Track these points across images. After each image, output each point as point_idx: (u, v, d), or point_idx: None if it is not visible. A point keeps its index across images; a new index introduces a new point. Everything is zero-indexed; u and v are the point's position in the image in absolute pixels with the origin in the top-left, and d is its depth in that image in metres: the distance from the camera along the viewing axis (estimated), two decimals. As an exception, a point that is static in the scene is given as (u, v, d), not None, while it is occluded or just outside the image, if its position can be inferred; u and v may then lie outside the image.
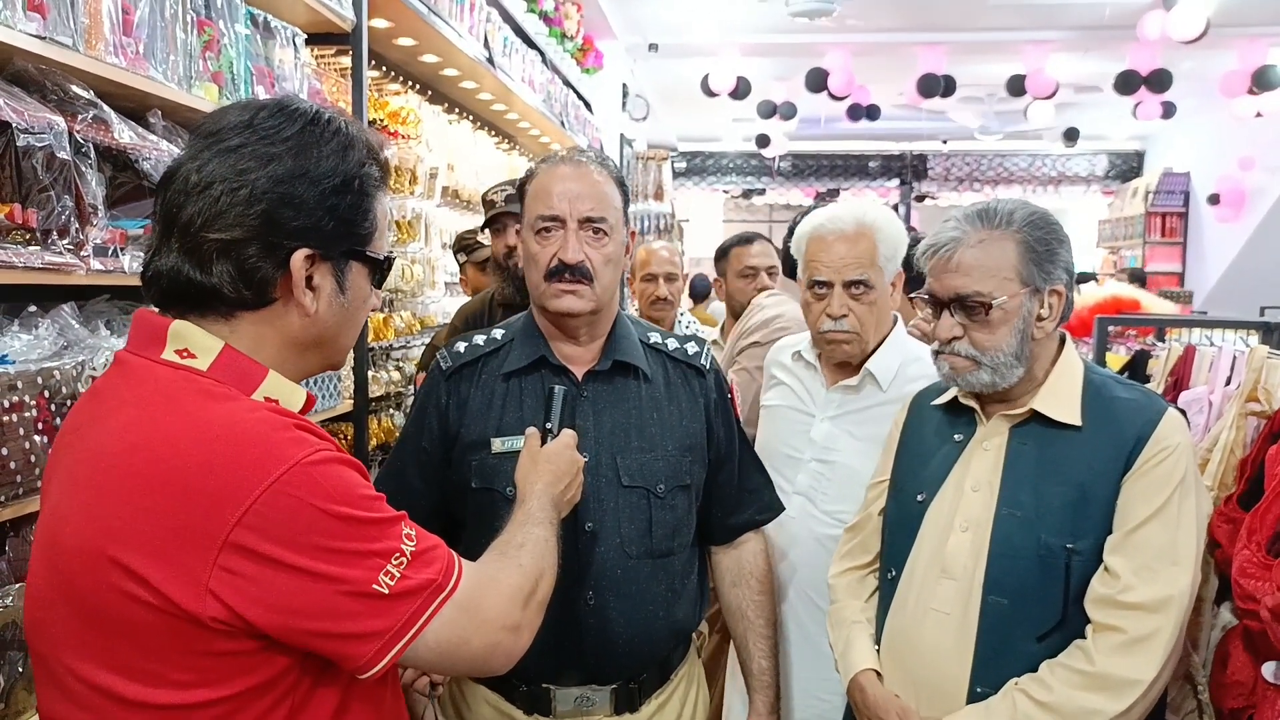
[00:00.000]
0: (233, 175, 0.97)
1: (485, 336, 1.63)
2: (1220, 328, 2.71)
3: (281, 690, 0.95)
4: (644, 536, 1.54)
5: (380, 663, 0.95)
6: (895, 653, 1.54)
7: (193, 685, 0.92)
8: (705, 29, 7.30)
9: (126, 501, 0.91)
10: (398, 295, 3.46)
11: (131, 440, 0.94)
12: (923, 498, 1.54)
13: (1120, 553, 1.36)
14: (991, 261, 1.44)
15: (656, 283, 3.33)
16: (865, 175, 12.61)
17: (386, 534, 0.96)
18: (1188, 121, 9.64)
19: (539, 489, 1.26)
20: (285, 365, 1.03)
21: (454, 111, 4.12)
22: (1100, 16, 6.88)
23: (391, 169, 1.12)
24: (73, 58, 1.50)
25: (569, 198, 1.52)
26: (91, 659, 0.93)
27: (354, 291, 1.06)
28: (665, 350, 1.65)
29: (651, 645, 1.56)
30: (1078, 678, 1.34)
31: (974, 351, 1.46)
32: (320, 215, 1.00)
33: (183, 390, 0.96)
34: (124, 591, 0.90)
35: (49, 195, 1.44)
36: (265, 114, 1.01)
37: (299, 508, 0.90)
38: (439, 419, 1.58)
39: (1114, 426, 1.42)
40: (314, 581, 0.91)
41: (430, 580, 0.97)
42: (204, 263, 0.97)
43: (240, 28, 2.03)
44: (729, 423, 1.68)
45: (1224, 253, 9.79)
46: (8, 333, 1.41)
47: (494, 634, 1.02)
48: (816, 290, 1.84)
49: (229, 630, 0.90)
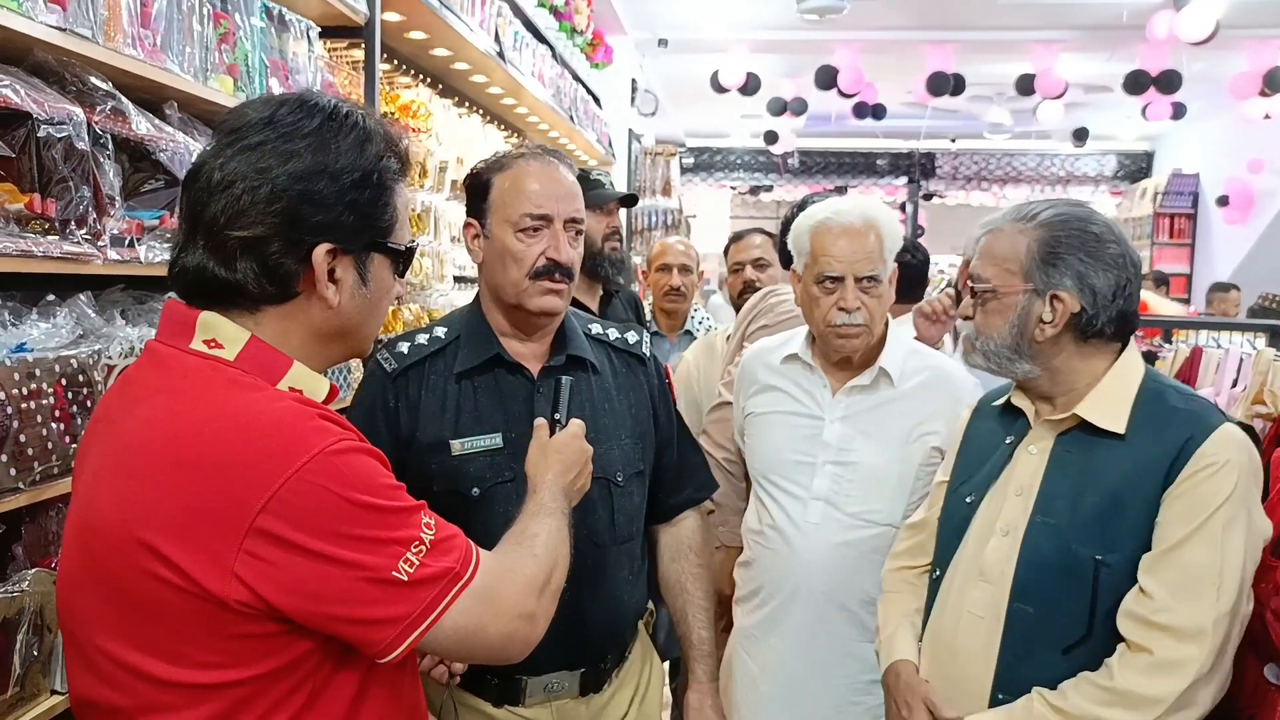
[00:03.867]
0: (254, 173, 0.99)
1: (428, 335, 1.62)
2: (1227, 330, 2.71)
3: (303, 673, 0.98)
4: (609, 526, 1.59)
5: (399, 648, 0.97)
6: (932, 652, 1.55)
7: (216, 666, 0.94)
8: (715, 25, 7.30)
9: (155, 486, 0.93)
10: (406, 288, 3.47)
11: (161, 427, 0.96)
12: (971, 499, 1.55)
13: (1154, 573, 1.33)
14: (1001, 252, 1.46)
15: (671, 273, 3.33)
16: (873, 173, 12.59)
17: (407, 522, 0.99)
18: (1197, 123, 9.61)
19: (549, 479, 1.28)
20: (311, 356, 1.06)
21: (464, 105, 4.12)
22: (1109, 16, 6.86)
23: (410, 160, 1.13)
24: (92, 49, 1.52)
25: (557, 198, 1.54)
26: (120, 638, 0.96)
27: (376, 283, 1.08)
28: (607, 340, 1.69)
29: (618, 628, 1.64)
30: (1097, 691, 1.33)
31: (972, 333, 1.51)
32: (340, 210, 1.01)
33: (210, 379, 0.98)
34: (151, 573, 0.92)
35: (67, 185, 1.46)
36: (286, 110, 1.02)
37: (322, 495, 0.93)
38: (386, 421, 1.56)
39: (1160, 437, 1.38)
40: (335, 567, 0.93)
41: (449, 568, 1.00)
42: (228, 260, 0.99)
43: (256, 20, 2.04)
44: (669, 406, 1.75)
45: (1232, 255, 9.75)
46: (26, 321, 1.43)
47: (510, 622, 1.04)
48: (827, 285, 1.83)
49: (253, 613, 0.93)
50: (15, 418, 1.31)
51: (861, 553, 1.82)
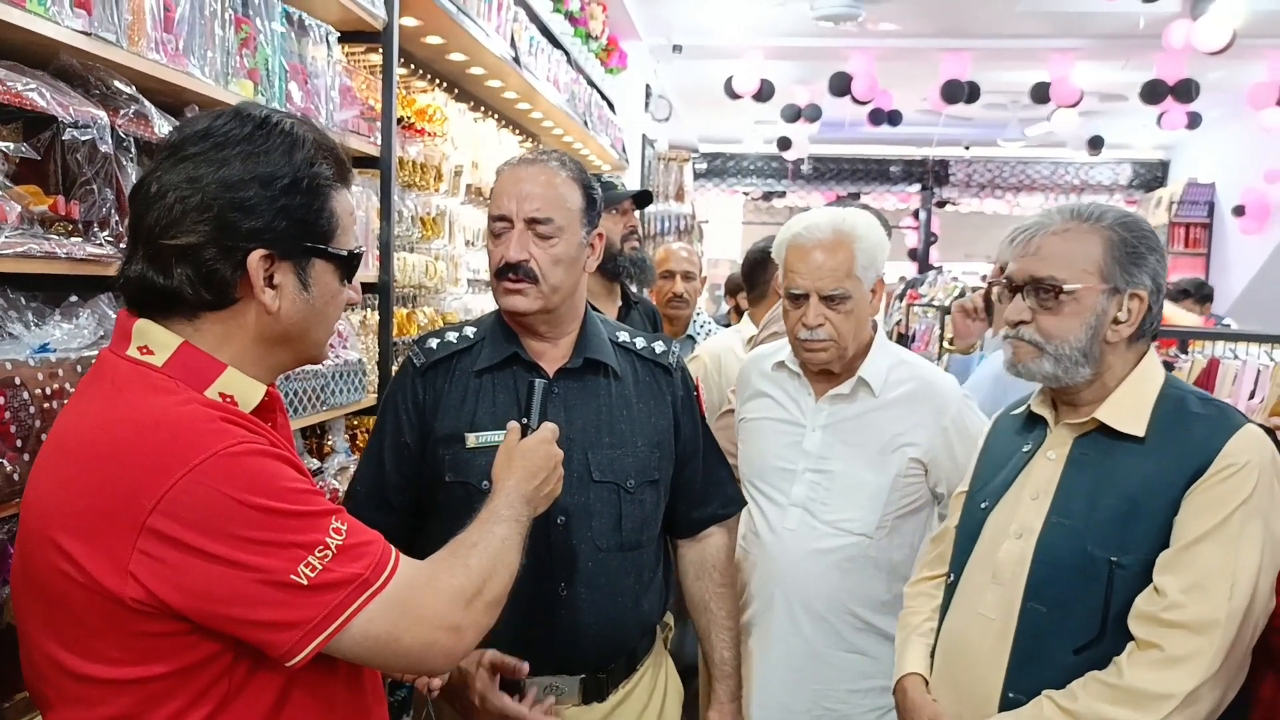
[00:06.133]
0: (185, 183, 1.01)
1: (458, 334, 1.66)
2: (1244, 341, 2.70)
3: (214, 673, 0.99)
4: (614, 530, 1.59)
5: (302, 652, 0.97)
6: (945, 655, 1.56)
7: (123, 663, 0.96)
8: (729, 31, 7.30)
9: (63, 485, 0.97)
10: (421, 291, 3.49)
11: (75, 428, 1.00)
12: (986, 505, 1.55)
13: (1170, 570, 1.33)
14: (1072, 250, 1.42)
15: (673, 280, 3.35)
16: (886, 180, 12.56)
17: (311, 527, 0.98)
18: (1213, 132, 9.56)
19: (510, 485, 1.26)
20: (254, 362, 1.07)
21: (479, 110, 4.14)
22: (1125, 25, 6.83)
23: (349, 166, 1.14)
24: (116, 53, 1.53)
25: (517, 198, 1.56)
26: (44, 633, 0.99)
27: (319, 288, 1.09)
28: (634, 349, 1.69)
29: (620, 636, 1.62)
30: (1105, 690, 1.33)
31: (1038, 338, 1.43)
32: (272, 216, 1.03)
33: (131, 383, 1.01)
34: (60, 570, 0.95)
35: (91, 188, 1.47)
36: (221, 121, 1.05)
37: (213, 496, 0.94)
38: (416, 414, 1.61)
39: (1181, 442, 1.37)
40: (229, 569, 0.94)
41: (356, 575, 0.99)
42: (165, 268, 1.01)
43: (276, 25, 2.06)
44: (694, 419, 1.73)
45: (1248, 265, 9.69)
46: (49, 322, 1.44)
47: (429, 633, 1.03)
48: (794, 300, 1.84)
49: (151, 611, 0.94)
50: (38, 416, 1.32)
51: (835, 561, 1.84)
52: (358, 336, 2.57)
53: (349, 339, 2.46)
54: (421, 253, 3.30)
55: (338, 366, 2.29)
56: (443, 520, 1.55)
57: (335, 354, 2.32)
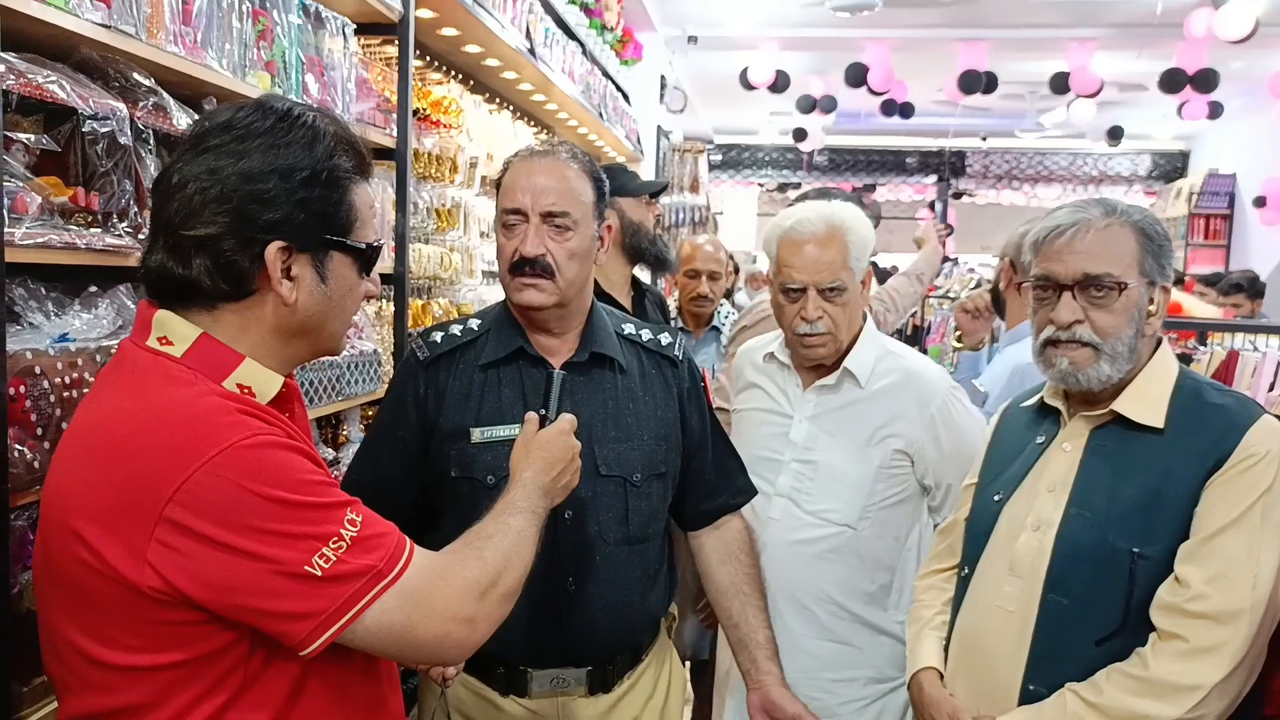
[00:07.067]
0: (206, 174, 1.02)
1: (462, 327, 1.64)
2: (1264, 333, 2.67)
3: (230, 662, 1.00)
4: (621, 524, 1.58)
5: (316, 642, 0.98)
6: (961, 649, 1.56)
7: (141, 650, 0.98)
8: (745, 22, 7.28)
9: (83, 475, 0.98)
10: (436, 283, 3.50)
11: (96, 418, 1.01)
12: (999, 497, 1.55)
13: (1192, 561, 1.33)
14: (1119, 246, 1.42)
15: (700, 280, 3.32)
16: (902, 171, 12.50)
17: (326, 518, 0.99)
18: (1234, 122, 9.46)
19: (526, 477, 1.27)
20: (271, 353, 1.08)
21: (494, 101, 4.14)
22: (1144, 14, 6.76)
23: (370, 159, 1.15)
24: (135, 46, 1.55)
25: (532, 191, 1.54)
26: (66, 619, 1.01)
27: (337, 281, 1.10)
28: (640, 341, 1.68)
29: (627, 629, 1.62)
30: (1131, 682, 1.33)
31: (1095, 338, 1.41)
32: (291, 208, 1.04)
33: (150, 374, 1.02)
34: (80, 559, 0.96)
35: (110, 179, 1.49)
36: (244, 113, 1.06)
37: (228, 488, 0.95)
38: (417, 408, 1.60)
39: (1199, 432, 1.38)
40: (245, 559, 0.95)
41: (370, 566, 1.00)
42: (184, 258, 1.02)
43: (293, 17, 2.07)
44: (702, 410, 1.72)
45: (1269, 256, 9.58)
46: (69, 312, 1.46)
47: (443, 624, 1.04)
48: (790, 294, 1.84)
49: (168, 601, 0.95)
50: (58, 406, 1.34)
51: (817, 551, 1.85)
52: (373, 327, 2.58)
53: (364, 330, 2.47)
54: (437, 244, 3.31)
55: (353, 357, 2.31)
56: (450, 516, 1.56)
57: (351, 345, 2.34)
